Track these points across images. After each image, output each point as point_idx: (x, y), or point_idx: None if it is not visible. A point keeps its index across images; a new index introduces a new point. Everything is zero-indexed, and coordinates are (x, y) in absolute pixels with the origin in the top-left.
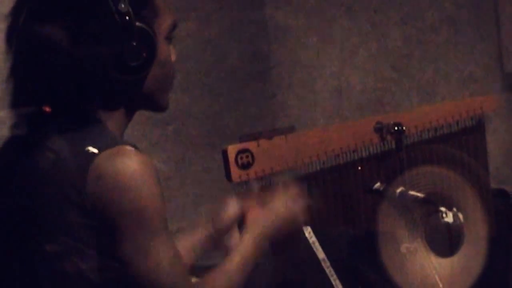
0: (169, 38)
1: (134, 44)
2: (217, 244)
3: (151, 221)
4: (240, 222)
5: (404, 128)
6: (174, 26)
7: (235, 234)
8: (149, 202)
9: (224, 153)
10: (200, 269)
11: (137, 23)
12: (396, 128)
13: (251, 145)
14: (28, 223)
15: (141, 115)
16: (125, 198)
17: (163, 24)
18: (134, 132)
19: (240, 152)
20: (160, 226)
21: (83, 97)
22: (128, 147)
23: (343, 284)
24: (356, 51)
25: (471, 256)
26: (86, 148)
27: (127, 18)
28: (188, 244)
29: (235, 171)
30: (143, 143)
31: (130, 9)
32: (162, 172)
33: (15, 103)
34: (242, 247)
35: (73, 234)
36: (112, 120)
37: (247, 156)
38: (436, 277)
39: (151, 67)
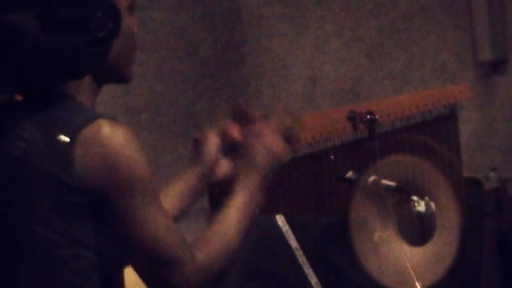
0: (131, 9)
1: (99, 14)
2: (211, 180)
3: (145, 190)
4: (227, 149)
5: (376, 116)
6: None
7: (223, 163)
8: (140, 172)
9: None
10: None
11: None
12: (368, 116)
13: None
14: (5, 213)
15: (113, 103)
16: (114, 170)
17: None
18: None
19: None
20: (153, 194)
21: (53, 76)
22: (108, 119)
23: (316, 273)
24: (330, 39)
25: (443, 245)
26: (59, 136)
27: None
28: (182, 190)
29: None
30: None
31: None
32: None
33: None
34: (236, 201)
35: (50, 223)
36: (80, 94)
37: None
38: (409, 265)
39: (116, 37)
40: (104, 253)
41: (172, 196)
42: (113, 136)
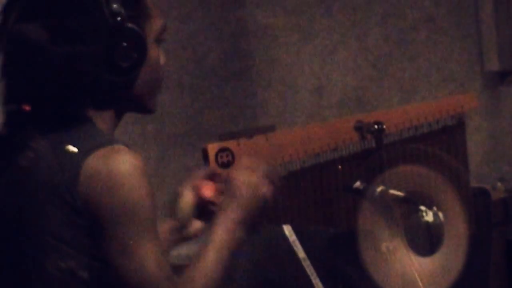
0: (158, 41)
1: (125, 45)
2: (182, 235)
3: (140, 221)
4: (199, 208)
5: (384, 126)
6: (164, 29)
7: (196, 221)
8: (140, 202)
9: (204, 152)
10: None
11: (128, 24)
12: (376, 127)
13: (231, 144)
14: (10, 222)
15: None
16: (116, 197)
17: (153, 26)
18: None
19: (220, 151)
20: (148, 226)
21: (72, 97)
22: (122, 146)
23: (323, 283)
24: (336, 49)
25: (451, 255)
26: (67, 147)
27: (118, 18)
28: None
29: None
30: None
31: (122, 10)
32: None
33: (3, 102)
34: (217, 238)
35: (53, 232)
36: (102, 120)
37: (227, 155)
38: (416, 275)
39: (140, 68)
40: (102, 268)
41: None
42: (122, 163)
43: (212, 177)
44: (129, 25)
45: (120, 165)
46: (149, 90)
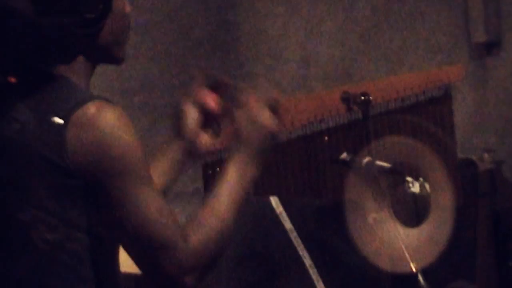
0: None
1: None
2: (193, 153)
3: (137, 173)
4: (205, 121)
5: (371, 98)
6: None
7: (204, 135)
8: (132, 154)
9: None
10: None
11: None
12: (362, 98)
13: None
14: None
15: (107, 85)
16: (105, 152)
17: None
18: None
19: None
20: (145, 177)
21: (44, 57)
22: (103, 101)
23: (310, 254)
24: (323, 21)
25: (437, 226)
26: (52, 118)
27: None
28: (166, 164)
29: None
30: None
31: None
32: None
33: None
34: (228, 180)
35: (41, 204)
36: (74, 74)
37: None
38: (403, 246)
39: (106, 19)
40: (97, 235)
41: (156, 173)
42: (105, 118)
43: (213, 87)
44: None
45: (104, 120)
46: (116, 40)
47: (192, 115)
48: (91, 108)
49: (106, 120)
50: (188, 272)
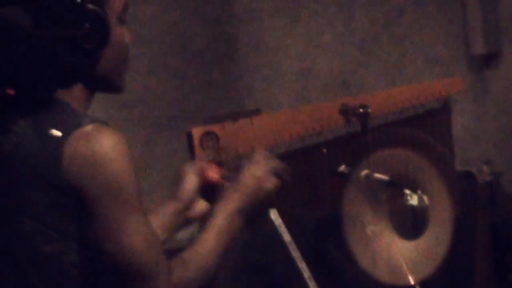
0: (121, 19)
1: (87, 26)
2: (186, 217)
3: (127, 199)
4: (202, 190)
5: (369, 110)
6: (126, 7)
7: (200, 202)
8: (125, 180)
9: (189, 136)
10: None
11: (88, 5)
12: (361, 110)
13: (216, 128)
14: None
15: (106, 98)
16: (98, 176)
17: (115, 5)
18: (100, 114)
19: (205, 134)
20: (136, 204)
21: (42, 79)
22: (102, 125)
23: (309, 266)
24: (322, 33)
25: (436, 238)
26: (50, 131)
27: (78, 0)
28: (158, 222)
29: (200, 154)
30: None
31: None
32: None
33: None
34: (216, 224)
35: (38, 216)
36: (73, 100)
37: (212, 139)
38: (401, 259)
39: (104, 49)
40: (89, 253)
41: None
42: (103, 140)
43: (219, 163)
44: (90, 6)
45: (101, 144)
46: (115, 69)
47: (191, 181)
48: (91, 130)
49: (104, 143)
50: None
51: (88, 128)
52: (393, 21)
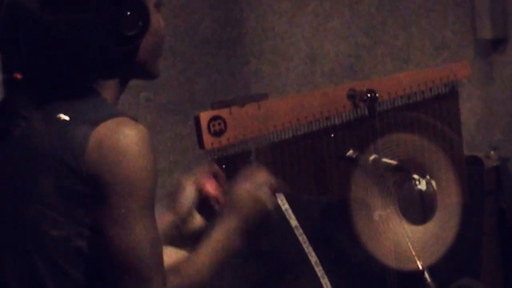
0: (157, 6)
1: (128, 14)
2: (182, 231)
3: (142, 195)
4: (200, 204)
5: (377, 95)
6: None
7: (196, 217)
8: (144, 177)
9: (196, 120)
10: None
11: None
12: (369, 95)
13: (223, 112)
14: (7, 191)
15: None
16: (121, 169)
17: None
18: None
19: (212, 119)
20: (148, 204)
21: (81, 70)
22: (129, 119)
23: (315, 251)
24: (329, 18)
25: (444, 223)
26: (58, 115)
27: None
28: None
29: (207, 138)
30: None
31: None
32: None
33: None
34: (212, 240)
35: (47, 201)
36: (107, 91)
37: (219, 123)
38: (409, 244)
39: (145, 35)
40: (99, 238)
41: None
42: (130, 135)
43: (215, 176)
44: None
45: (127, 137)
46: (152, 55)
47: (189, 194)
48: (118, 122)
49: (130, 137)
50: None
51: (116, 120)
52: (400, 6)
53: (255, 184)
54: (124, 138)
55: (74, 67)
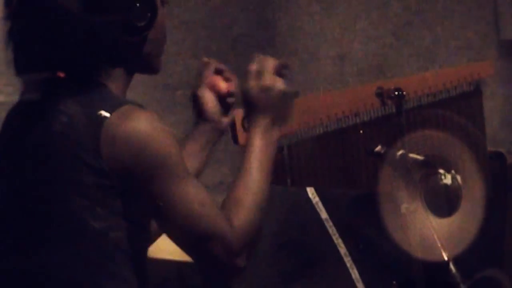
0: (163, 2)
1: (138, 5)
2: (219, 131)
3: (173, 168)
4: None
5: (404, 93)
6: None
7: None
8: (167, 151)
9: (231, 118)
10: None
11: None
12: (396, 93)
13: None
14: (42, 184)
15: (151, 81)
16: (144, 154)
17: None
18: (145, 97)
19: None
20: (182, 172)
21: (93, 62)
22: (133, 106)
23: (344, 243)
24: (358, 19)
25: (468, 217)
26: (99, 112)
27: None
28: (196, 149)
29: (241, 134)
30: (153, 108)
31: None
32: None
33: (24, 70)
34: (254, 150)
35: (86, 194)
36: (113, 83)
37: None
38: (435, 236)
39: (152, 27)
40: (139, 223)
41: (188, 158)
42: (140, 119)
43: (219, 72)
44: None
45: (139, 122)
46: (156, 50)
47: (210, 98)
48: (127, 110)
49: (142, 121)
50: (239, 254)
51: (124, 108)
52: (425, 7)
53: (260, 76)
54: (136, 123)
55: (91, 61)
